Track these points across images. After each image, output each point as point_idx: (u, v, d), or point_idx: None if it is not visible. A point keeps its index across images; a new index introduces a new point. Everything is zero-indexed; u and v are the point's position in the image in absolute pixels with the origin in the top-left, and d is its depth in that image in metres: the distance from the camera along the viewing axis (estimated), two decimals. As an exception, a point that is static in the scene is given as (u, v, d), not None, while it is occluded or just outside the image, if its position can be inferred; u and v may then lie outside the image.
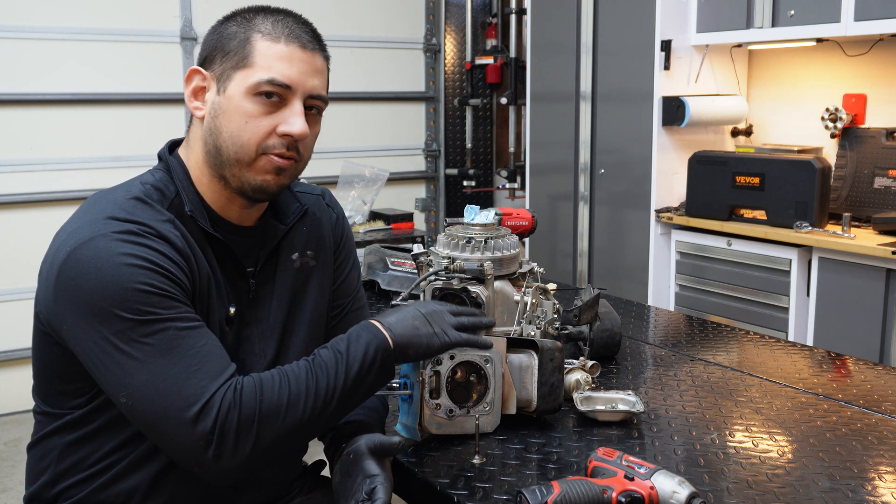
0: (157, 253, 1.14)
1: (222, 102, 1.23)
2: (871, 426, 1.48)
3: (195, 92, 1.27)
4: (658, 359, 1.87)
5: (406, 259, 2.39)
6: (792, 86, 3.71)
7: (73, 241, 1.14)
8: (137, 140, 4.09)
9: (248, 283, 1.31)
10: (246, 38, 1.23)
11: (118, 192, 1.22)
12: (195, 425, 1.08)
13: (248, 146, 1.22)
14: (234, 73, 1.22)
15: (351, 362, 1.18)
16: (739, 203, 3.37)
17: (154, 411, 1.10)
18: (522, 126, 4.60)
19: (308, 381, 1.15)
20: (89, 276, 1.11)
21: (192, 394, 1.09)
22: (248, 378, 1.14)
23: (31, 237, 3.83)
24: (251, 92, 1.21)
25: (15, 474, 3.31)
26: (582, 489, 1.14)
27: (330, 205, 1.49)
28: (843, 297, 3.02)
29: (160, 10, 4.11)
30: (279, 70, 1.22)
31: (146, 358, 1.10)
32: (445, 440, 1.40)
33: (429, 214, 5.16)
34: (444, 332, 1.25)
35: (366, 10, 4.73)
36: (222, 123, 1.23)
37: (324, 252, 1.43)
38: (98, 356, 1.12)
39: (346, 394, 1.18)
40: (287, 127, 1.22)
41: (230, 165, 1.24)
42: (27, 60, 3.83)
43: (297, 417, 1.13)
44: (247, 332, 1.31)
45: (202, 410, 1.08)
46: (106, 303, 1.10)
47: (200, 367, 1.11)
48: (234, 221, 1.31)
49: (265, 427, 1.11)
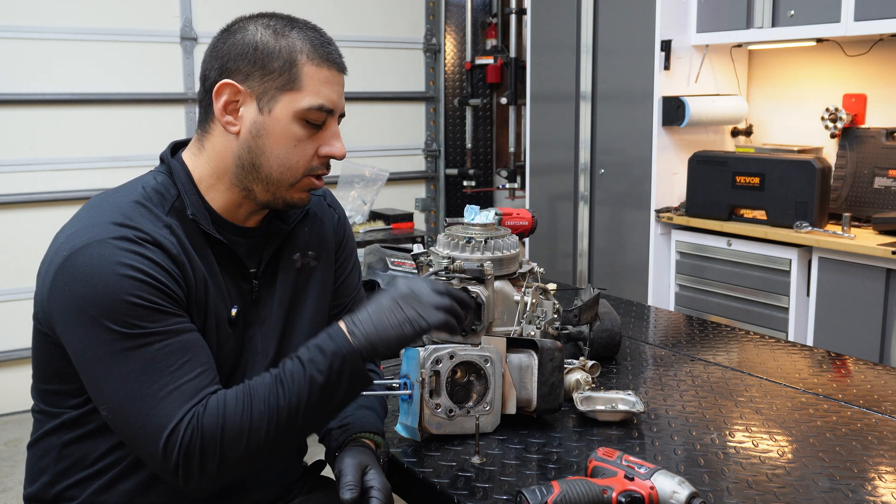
0: (150, 262, 1.15)
1: (267, 123, 1.24)
2: (871, 426, 1.48)
3: (227, 105, 1.26)
4: (658, 359, 1.87)
5: (406, 259, 2.39)
6: (792, 86, 3.71)
7: (70, 245, 1.15)
8: (138, 140, 4.09)
9: (251, 283, 1.32)
10: (291, 61, 1.24)
11: (119, 195, 1.23)
12: (163, 452, 1.11)
13: (297, 169, 1.26)
14: (281, 95, 1.23)
15: (316, 375, 1.15)
16: (739, 203, 3.37)
17: (130, 430, 1.14)
18: (522, 126, 4.60)
19: (270, 400, 1.14)
20: (82, 282, 1.12)
21: (160, 421, 1.11)
22: (214, 399, 1.13)
23: (31, 237, 3.83)
24: (300, 116, 1.24)
25: (15, 474, 3.31)
26: (582, 489, 1.14)
27: (331, 205, 1.50)
28: (843, 297, 3.02)
29: (160, 10, 4.11)
30: (326, 96, 1.25)
31: (126, 374, 1.12)
32: (445, 440, 1.40)
33: (429, 214, 5.16)
34: (420, 317, 1.19)
35: (366, 10, 4.73)
36: (266, 144, 1.25)
37: (325, 252, 1.44)
38: (84, 362, 1.14)
39: (313, 408, 1.16)
40: (330, 149, 1.27)
41: (269, 183, 1.26)
42: (27, 60, 3.83)
43: (262, 437, 1.13)
44: (250, 333, 1.32)
45: (168, 438, 1.10)
46: (96, 311, 1.11)
47: (177, 388, 1.12)
48: (238, 223, 1.31)
49: (229, 450, 1.12)
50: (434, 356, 1.37)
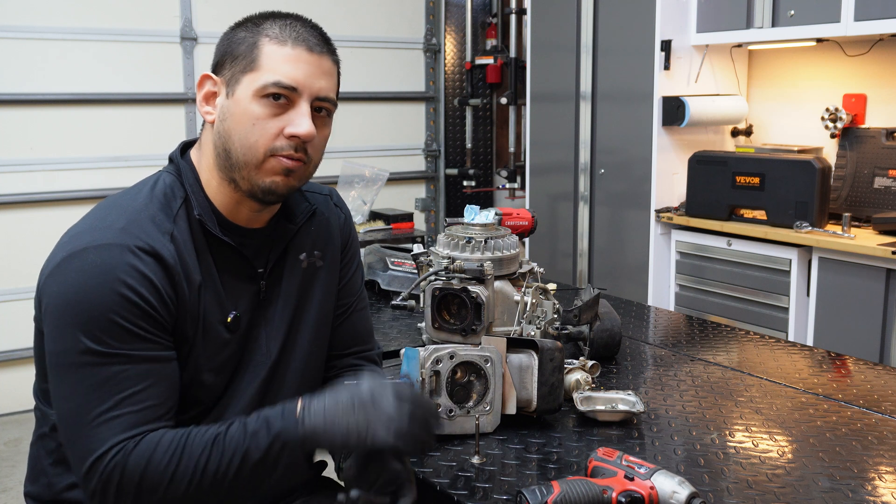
0: (143, 279, 1.14)
1: (231, 106, 1.24)
2: (871, 426, 1.48)
3: (207, 97, 1.28)
4: (658, 359, 1.87)
5: (406, 259, 2.39)
6: (792, 86, 3.71)
7: (71, 246, 1.16)
8: (138, 140, 4.09)
9: (258, 284, 1.32)
10: (254, 43, 1.24)
11: (129, 198, 1.24)
12: (85, 476, 1.11)
13: (256, 148, 1.23)
14: (243, 77, 1.23)
15: (253, 451, 1.11)
16: (739, 203, 3.37)
17: (66, 442, 1.15)
18: (522, 126, 4.60)
19: (201, 460, 1.11)
20: (73, 287, 1.13)
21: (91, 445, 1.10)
22: (147, 440, 1.11)
23: (30, 237, 3.83)
24: (258, 94, 1.22)
25: (15, 474, 3.31)
26: (582, 489, 1.14)
27: (338, 205, 1.49)
28: (843, 297, 3.02)
29: (160, 10, 4.11)
30: (285, 72, 1.22)
31: (77, 388, 1.12)
32: (445, 440, 1.40)
33: (429, 214, 5.16)
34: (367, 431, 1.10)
35: (366, 10, 4.73)
36: (231, 126, 1.24)
37: (331, 252, 1.44)
38: (50, 364, 1.15)
39: (242, 481, 1.12)
40: (294, 128, 1.22)
41: (240, 168, 1.24)
42: (27, 60, 3.83)
43: (180, 492, 1.10)
44: (255, 334, 1.32)
45: (93, 465, 1.10)
46: (74, 319, 1.12)
47: (118, 416, 1.11)
48: (244, 224, 1.31)
49: (144, 495, 1.10)
50: (434, 356, 1.38)
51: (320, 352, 1.43)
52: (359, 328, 1.51)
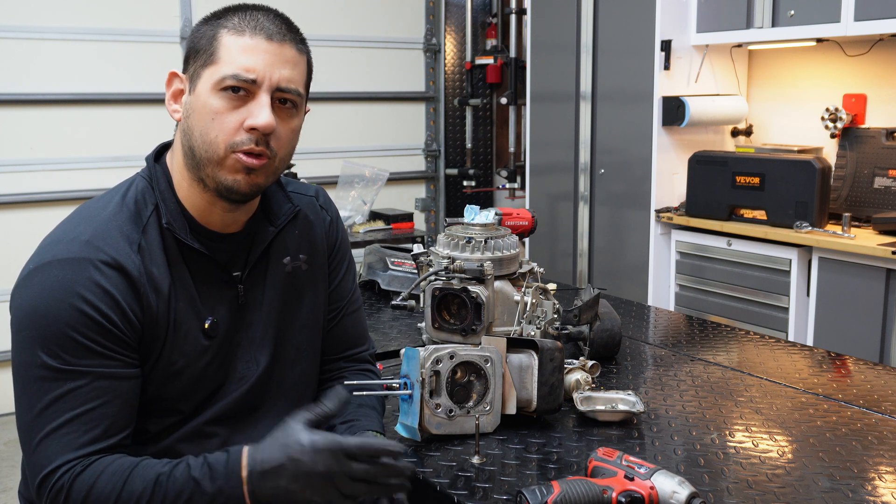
0: (104, 294, 1.14)
1: (192, 101, 1.21)
2: (871, 426, 1.48)
3: (174, 95, 1.25)
4: (658, 359, 1.87)
5: (406, 259, 2.39)
6: (792, 86, 3.71)
7: (38, 258, 1.17)
8: (137, 140, 4.08)
9: (236, 288, 1.29)
10: (213, 35, 1.20)
11: (99, 207, 1.22)
12: (37, 490, 1.11)
13: (216, 144, 1.18)
14: (203, 71, 1.20)
15: (196, 500, 1.08)
16: (739, 203, 3.37)
17: (24, 456, 1.15)
18: (522, 126, 4.60)
19: (142, 498, 1.08)
20: (33, 300, 1.13)
21: (42, 461, 1.10)
22: (93, 467, 1.10)
23: (30, 237, 3.79)
24: (217, 88, 1.18)
25: (15, 474, 3.31)
26: (582, 489, 1.14)
27: (324, 206, 1.45)
28: (843, 297, 3.02)
29: (160, 10, 4.11)
30: (242, 63, 1.17)
31: (33, 403, 1.12)
32: (445, 440, 1.40)
33: (429, 214, 5.16)
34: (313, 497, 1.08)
35: (366, 10, 4.73)
36: (193, 123, 1.20)
37: (317, 257, 1.40)
38: (13, 376, 1.15)
39: None
40: (252, 120, 1.17)
41: (203, 165, 1.20)
42: (27, 60, 3.83)
43: None
44: (237, 339, 1.29)
45: (43, 481, 1.10)
46: (33, 333, 1.12)
47: (69, 434, 1.11)
48: (217, 228, 1.27)
49: None
50: (434, 356, 1.37)
51: (313, 357, 1.41)
52: (350, 332, 1.47)
